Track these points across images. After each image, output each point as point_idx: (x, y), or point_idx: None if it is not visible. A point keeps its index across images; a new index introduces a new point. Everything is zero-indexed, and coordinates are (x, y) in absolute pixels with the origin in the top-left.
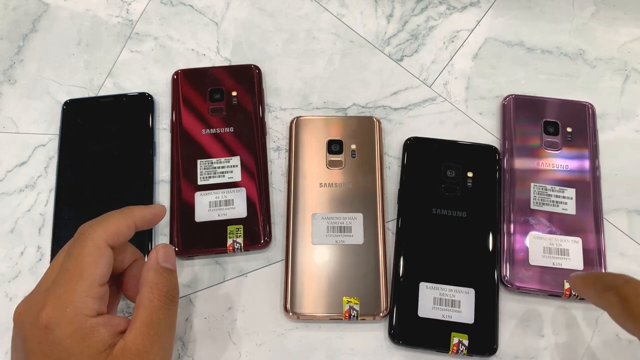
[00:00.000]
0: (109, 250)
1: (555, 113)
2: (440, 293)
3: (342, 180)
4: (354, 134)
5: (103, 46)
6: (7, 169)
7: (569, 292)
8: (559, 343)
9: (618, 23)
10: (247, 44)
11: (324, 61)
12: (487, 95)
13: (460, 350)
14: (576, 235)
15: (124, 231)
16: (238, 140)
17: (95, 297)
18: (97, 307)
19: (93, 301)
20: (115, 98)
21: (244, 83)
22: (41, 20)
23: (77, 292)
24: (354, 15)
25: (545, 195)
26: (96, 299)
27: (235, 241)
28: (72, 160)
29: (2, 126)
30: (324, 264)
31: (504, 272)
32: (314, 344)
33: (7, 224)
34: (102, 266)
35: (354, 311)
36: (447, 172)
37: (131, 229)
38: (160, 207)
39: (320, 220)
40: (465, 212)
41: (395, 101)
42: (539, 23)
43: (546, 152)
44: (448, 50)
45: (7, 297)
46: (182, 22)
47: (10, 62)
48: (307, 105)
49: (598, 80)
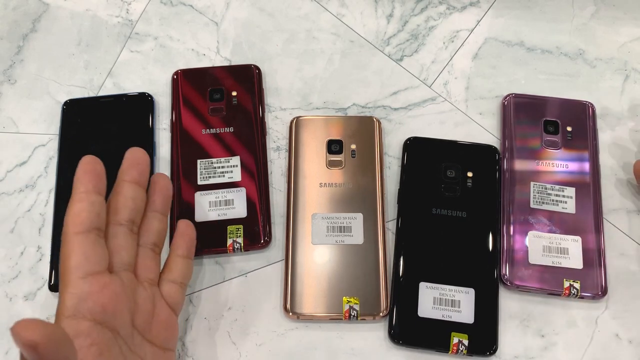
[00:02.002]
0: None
1: (556, 112)
2: (440, 293)
3: (342, 180)
4: (353, 134)
5: (103, 46)
6: (7, 169)
7: (568, 291)
8: (559, 343)
9: (618, 23)
10: (247, 44)
11: (324, 61)
12: (487, 95)
13: (460, 350)
14: (576, 234)
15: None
16: (238, 140)
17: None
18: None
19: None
20: (115, 98)
21: (244, 83)
22: (41, 20)
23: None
24: (354, 15)
25: (545, 195)
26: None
27: (235, 241)
28: (72, 160)
29: (2, 126)
30: (324, 264)
31: (504, 271)
32: (314, 344)
33: (7, 224)
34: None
35: (354, 311)
36: (447, 172)
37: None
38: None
39: (320, 220)
40: (465, 212)
41: (395, 101)
42: (539, 23)
43: (546, 151)
44: (448, 50)
45: (7, 297)
46: (182, 22)
47: (10, 62)
48: (307, 105)
49: (598, 80)
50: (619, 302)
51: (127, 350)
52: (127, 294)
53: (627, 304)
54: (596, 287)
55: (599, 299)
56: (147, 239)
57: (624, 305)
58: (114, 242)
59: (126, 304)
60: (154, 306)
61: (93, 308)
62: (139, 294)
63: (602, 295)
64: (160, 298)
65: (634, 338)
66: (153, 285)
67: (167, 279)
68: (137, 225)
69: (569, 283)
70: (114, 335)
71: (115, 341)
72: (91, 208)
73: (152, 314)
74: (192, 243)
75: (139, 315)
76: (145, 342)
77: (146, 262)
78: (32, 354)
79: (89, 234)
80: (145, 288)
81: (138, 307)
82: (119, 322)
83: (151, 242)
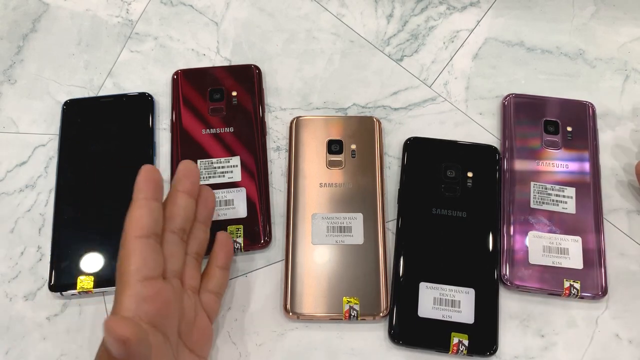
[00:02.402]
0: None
1: (556, 112)
2: (440, 293)
3: (342, 180)
4: (354, 134)
5: (103, 46)
6: (7, 169)
7: (568, 291)
8: (559, 343)
9: (618, 23)
10: (247, 44)
11: (324, 61)
12: (487, 95)
13: (460, 350)
14: (576, 234)
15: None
16: (238, 140)
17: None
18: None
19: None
20: (115, 98)
21: (244, 83)
22: (41, 20)
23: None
24: (354, 15)
25: (545, 195)
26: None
27: (235, 241)
28: (72, 160)
29: (2, 126)
30: (324, 264)
31: (504, 271)
32: (314, 344)
33: (7, 224)
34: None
35: (354, 311)
36: (447, 172)
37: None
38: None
39: (320, 220)
40: (465, 212)
41: (395, 101)
42: (539, 23)
43: (546, 151)
44: (448, 50)
45: (7, 297)
46: (182, 22)
47: (10, 62)
48: (307, 105)
49: (598, 80)
50: (619, 302)
51: (172, 356)
52: (176, 301)
53: (627, 304)
54: (596, 287)
55: (599, 299)
56: (192, 248)
57: (624, 305)
58: (167, 249)
59: (175, 310)
60: (196, 314)
61: (150, 311)
62: (185, 302)
63: (602, 295)
64: (200, 306)
65: (634, 338)
66: (195, 294)
67: (206, 289)
68: (186, 233)
69: (569, 283)
70: (165, 339)
71: (166, 345)
72: (151, 214)
73: (194, 322)
74: (230, 255)
75: (183, 322)
76: (186, 349)
77: (191, 271)
78: (122, 348)
79: (148, 239)
80: (189, 296)
81: (183, 314)
82: (169, 328)
83: (195, 251)
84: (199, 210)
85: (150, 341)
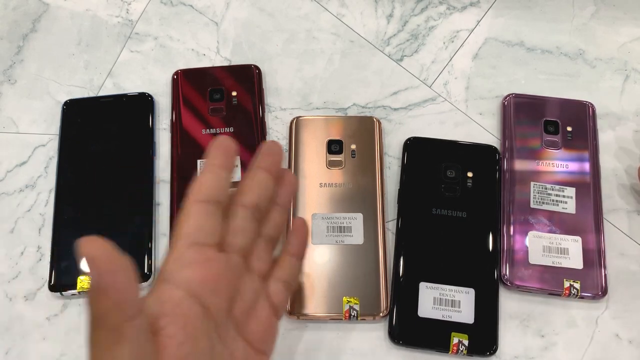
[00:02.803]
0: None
1: (556, 112)
2: (440, 293)
3: (342, 180)
4: (354, 134)
5: (103, 46)
6: (7, 169)
7: (568, 291)
8: (559, 343)
9: (618, 23)
10: (247, 44)
11: (324, 61)
12: (487, 95)
13: (460, 350)
14: (576, 234)
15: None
16: (238, 140)
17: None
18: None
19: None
20: (115, 98)
21: (244, 83)
22: (41, 20)
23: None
24: (354, 15)
25: (545, 195)
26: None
27: None
28: (72, 160)
29: (2, 126)
30: (324, 264)
31: (504, 271)
32: (314, 344)
33: (7, 224)
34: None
35: (354, 311)
36: (447, 172)
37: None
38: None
39: (320, 220)
40: (465, 212)
41: (395, 101)
42: (539, 23)
43: (546, 151)
44: (448, 50)
45: (7, 297)
46: (182, 22)
47: (10, 62)
48: (307, 105)
49: (598, 80)
50: (619, 302)
51: (215, 338)
52: (229, 277)
53: (627, 304)
54: (596, 287)
55: (599, 299)
56: (267, 230)
57: (624, 305)
58: (234, 222)
59: (227, 287)
60: (257, 301)
61: (190, 278)
62: (245, 283)
63: (602, 295)
64: (264, 295)
65: (634, 338)
66: (261, 279)
67: (275, 277)
68: (261, 212)
69: (569, 283)
70: (205, 315)
71: (205, 321)
72: (215, 179)
73: (254, 309)
74: (305, 242)
75: (238, 305)
76: (239, 338)
77: (260, 253)
78: (92, 270)
79: (207, 204)
80: (253, 279)
81: (240, 296)
82: (215, 304)
83: (269, 234)
84: (280, 193)
85: (167, 308)
